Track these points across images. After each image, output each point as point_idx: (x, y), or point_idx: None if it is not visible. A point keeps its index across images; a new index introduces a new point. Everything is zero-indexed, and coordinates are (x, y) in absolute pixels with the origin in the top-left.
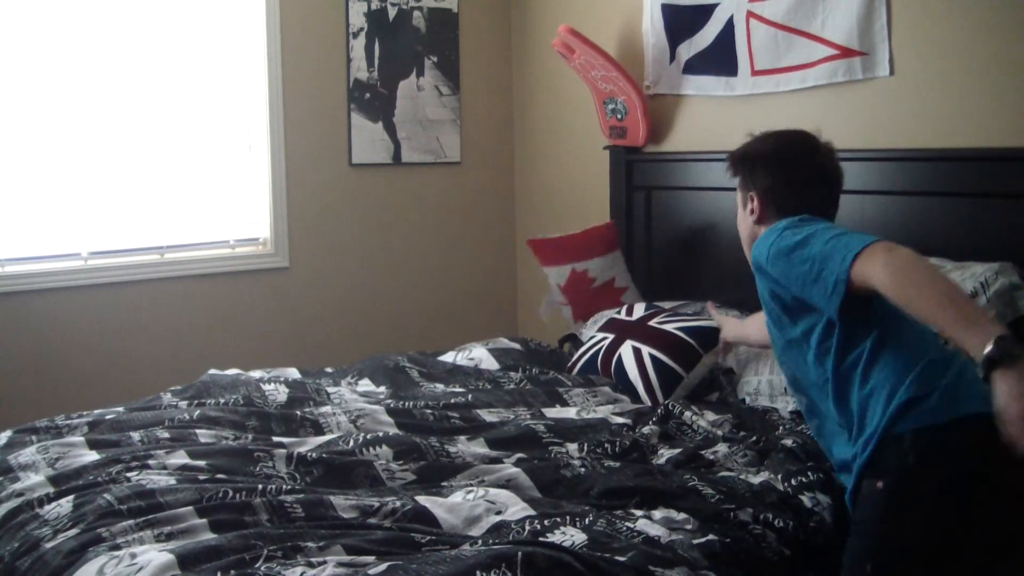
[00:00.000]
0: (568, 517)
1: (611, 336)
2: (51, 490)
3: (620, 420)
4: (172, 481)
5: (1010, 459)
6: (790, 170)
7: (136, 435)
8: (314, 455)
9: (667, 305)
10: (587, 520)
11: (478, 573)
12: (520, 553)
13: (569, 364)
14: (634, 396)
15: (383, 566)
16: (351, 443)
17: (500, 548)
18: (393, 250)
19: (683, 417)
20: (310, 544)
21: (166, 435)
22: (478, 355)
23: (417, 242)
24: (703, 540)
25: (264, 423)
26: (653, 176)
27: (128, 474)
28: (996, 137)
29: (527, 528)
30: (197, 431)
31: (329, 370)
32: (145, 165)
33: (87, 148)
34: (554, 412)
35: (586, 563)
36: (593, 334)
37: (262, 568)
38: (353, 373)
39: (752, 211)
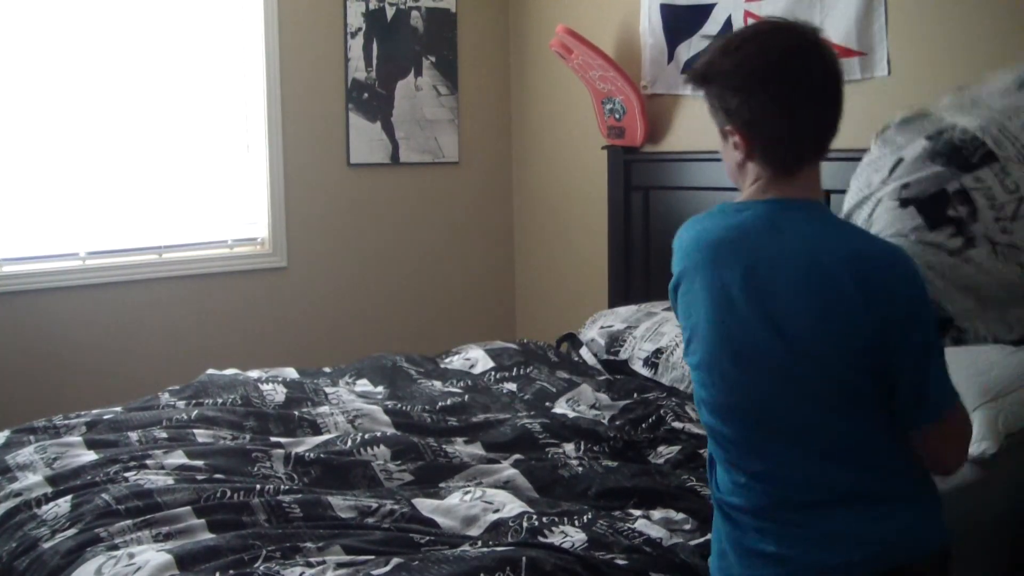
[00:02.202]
0: (567, 517)
1: None
2: (49, 490)
3: (617, 420)
4: (170, 481)
5: None
6: (772, 94)
7: (134, 435)
8: (312, 455)
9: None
10: (586, 519)
11: (482, 575)
12: (524, 558)
13: None
14: None
15: (388, 567)
16: (349, 443)
17: (504, 551)
18: (391, 250)
19: (674, 422)
20: (309, 544)
21: (164, 435)
22: (475, 356)
23: (415, 242)
24: (701, 540)
25: (262, 423)
26: (651, 176)
27: (126, 474)
28: None
29: (525, 525)
30: (195, 431)
31: (327, 370)
32: (143, 165)
33: (85, 148)
34: (548, 412)
35: (588, 566)
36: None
37: (261, 568)
38: (351, 373)
39: (736, 146)
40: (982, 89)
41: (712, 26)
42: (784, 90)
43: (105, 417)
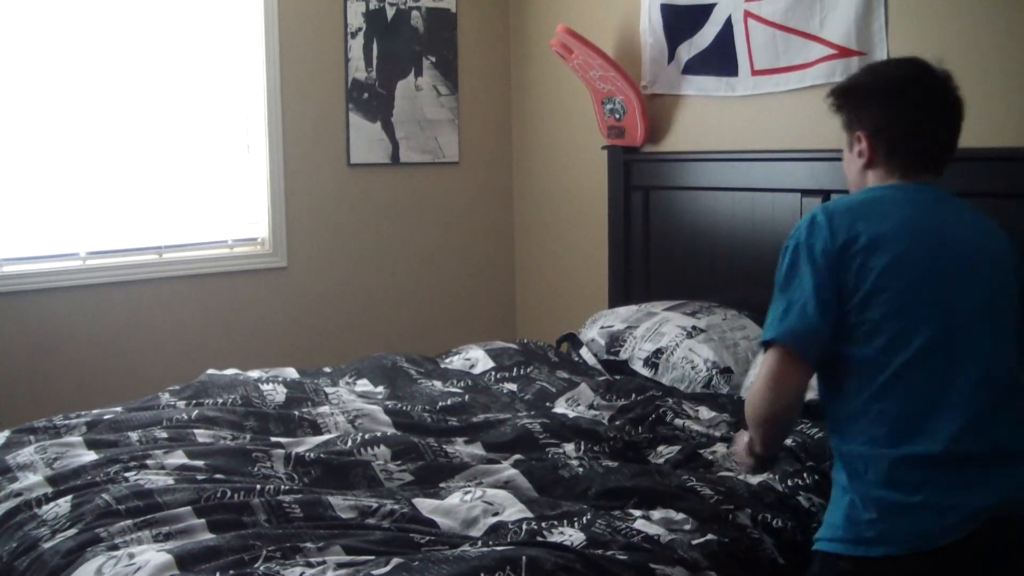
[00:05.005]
0: (566, 518)
1: None
2: (49, 490)
3: (616, 420)
4: (170, 481)
5: None
6: (904, 103)
7: (134, 435)
8: (312, 455)
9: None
10: (585, 520)
11: (482, 575)
12: (524, 557)
13: None
14: None
15: (388, 567)
16: (349, 443)
17: (504, 550)
18: (391, 250)
19: (675, 421)
20: (309, 544)
21: (164, 435)
22: (475, 356)
23: (415, 242)
24: (702, 540)
25: (262, 423)
26: (651, 176)
27: (126, 474)
28: (995, 137)
29: (524, 529)
30: (195, 431)
31: (327, 370)
32: (143, 165)
33: (86, 148)
34: (550, 411)
35: (588, 562)
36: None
37: (261, 568)
38: (351, 373)
39: (860, 154)
40: None
41: (712, 27)
42: (910, 103)
43: (105, 417)
